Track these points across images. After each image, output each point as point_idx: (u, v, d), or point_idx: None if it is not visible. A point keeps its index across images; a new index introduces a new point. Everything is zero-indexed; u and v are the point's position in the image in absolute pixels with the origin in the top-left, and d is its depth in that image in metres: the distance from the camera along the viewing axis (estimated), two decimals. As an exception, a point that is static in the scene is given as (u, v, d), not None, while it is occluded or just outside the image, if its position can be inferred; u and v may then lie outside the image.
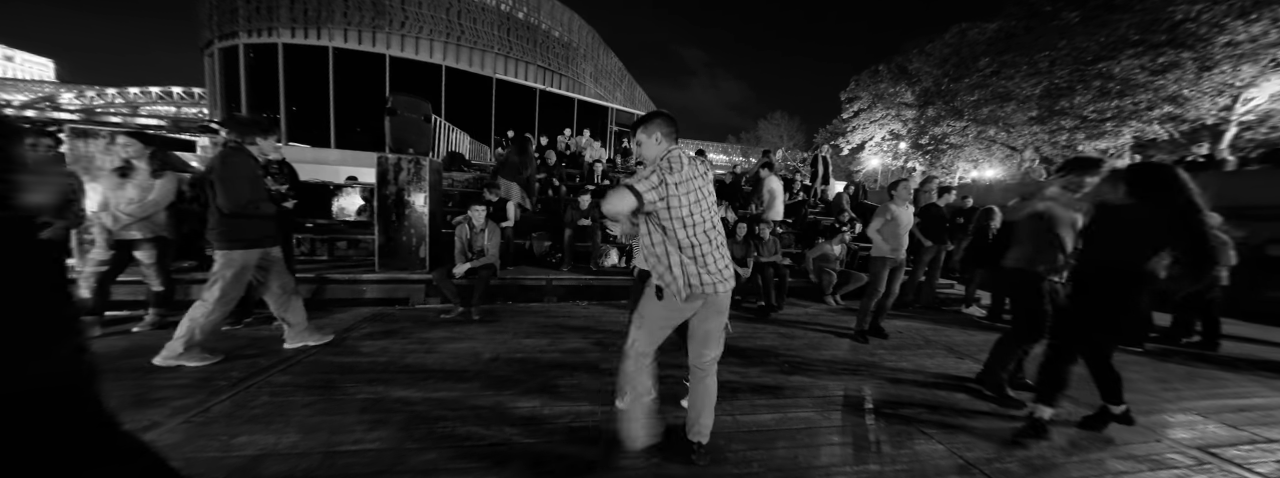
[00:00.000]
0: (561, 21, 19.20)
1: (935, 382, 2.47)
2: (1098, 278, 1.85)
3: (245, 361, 2.31)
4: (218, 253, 2.22)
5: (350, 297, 3.64)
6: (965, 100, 16.82)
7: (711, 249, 1.44)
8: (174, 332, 2.21)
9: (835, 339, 3.23)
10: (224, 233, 2.20)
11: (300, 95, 15.09)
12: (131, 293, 3.01)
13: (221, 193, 2.13)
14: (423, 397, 1.98)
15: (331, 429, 1.68)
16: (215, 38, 16.21)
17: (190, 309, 2.21)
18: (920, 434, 1.87)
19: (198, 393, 1.93)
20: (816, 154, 8.43)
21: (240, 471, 1.42)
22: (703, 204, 1.44)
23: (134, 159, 2.59)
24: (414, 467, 1.48)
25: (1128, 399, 2.26)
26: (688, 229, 1.40)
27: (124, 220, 2.56)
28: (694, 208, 1.41)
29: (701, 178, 1.46)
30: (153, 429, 1.63)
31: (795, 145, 35.38)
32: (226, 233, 2.20)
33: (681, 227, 1.39)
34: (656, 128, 1.47)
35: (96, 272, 2.55)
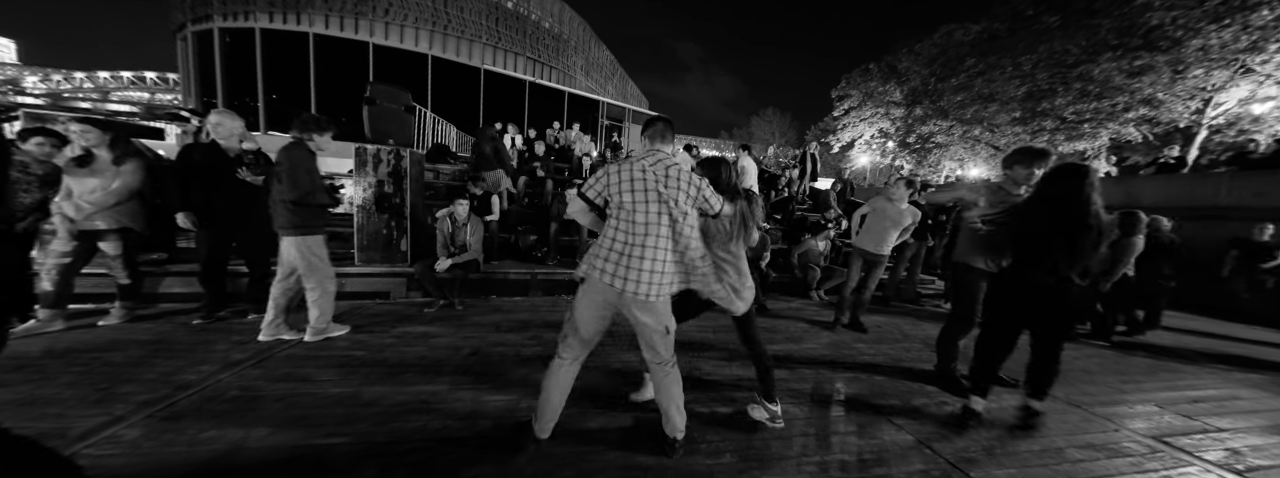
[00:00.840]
0: (552, 12, 18.83)
1: (909, 374, 2.54)
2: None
3: (217, 354, 2.25)
4: (294, 241, 2.39)
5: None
6: (951, 100, 17.14)
7: (642, 251, 1.43)
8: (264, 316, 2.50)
9: (816, 333, 3.29)
10: (295, 221, 2.38)
11: (280, 83, 14.57)
12: (96, 285, 2.90)
13: (287, 183, 2.32)
14: (399, 391, 1.96)
15: (304, 424, 1.65)
16: (188, 21, 15.49)
17: (307, 297, 2.49)
18: (890, 424, 1.93)
19: (163, 388, 1.87)
20: (805, 151, 8.51)
21: (206, 466, 1.40)
22: (644, 205, 1.44)
23: (93, 147, 2.47)
24: (387, 462, 1.46)
25: (1090, 391, 2.35)
26: (621, 223, 1.46)
27: (87, 210, 2.45)
28: (634, 206, 1.44)
29: (653, 179, 1.44)
30: (114, 424, 1.59)
31: (787, 142, 35.61)
32: (298, 221, 2.38)
33: (616, 220, 1.48)
34: (647, 133, 1.57)
35: (58, 264, 2.44)
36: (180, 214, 2.56)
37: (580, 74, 20.52)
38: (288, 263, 2.45)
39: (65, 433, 1.52)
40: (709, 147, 34.02)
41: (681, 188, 1.46)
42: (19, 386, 1.83)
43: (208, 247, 2.68)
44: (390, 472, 1.41)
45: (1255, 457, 1.83)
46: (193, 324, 2.67)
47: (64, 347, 2.25)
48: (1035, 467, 1.67)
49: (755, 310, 1.84)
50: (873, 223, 3.39)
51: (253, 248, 2.84)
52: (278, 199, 2.35)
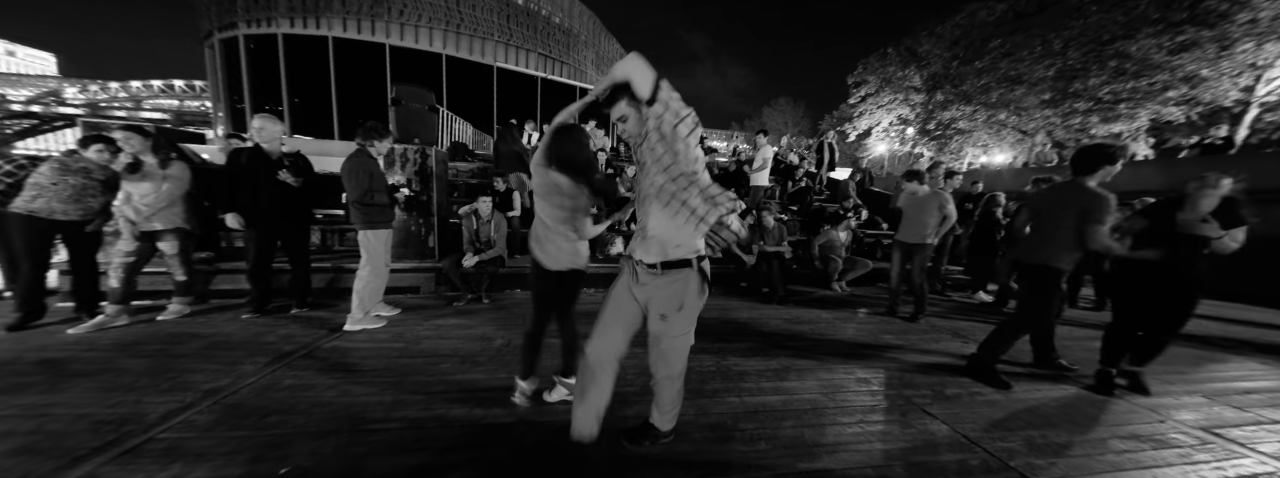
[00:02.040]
0: (562, 7, 18.76)
1: (940, 365, 2.51)
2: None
3: (269, 346, 2.38)
4: (360, 235, 2.67)
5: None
6: (975, 84, 16.44)
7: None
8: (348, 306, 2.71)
9: (840, 325, 3.27)
10: (361, 218, 2.65)
11: (302, 87, 14.99)
12: (153, 283, 3.10)
13: (348, 186, 2.61)
14: (438, 381, 2.05)
15: (355, 411, 1.75)
16: (214, 29, 16.04)
17: (354, 285, 2.68)
18: (924, 414, 1.92)
19: (224, 377, 2.00)
20: (822, 140, 8.33)
21: (275, 445, 1.50)
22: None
23: (139, 154, 2.62)
24: (435, 446, 1.54)
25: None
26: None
27: (145, 212, 2.61)
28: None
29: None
30: (185, 410, 1.71)
31: (801, 132, 34.85)
32: (364, 218, 2.65)
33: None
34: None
35: (123, 262, 2.62)
36: (229, 215, 2.70)
37: (591, 68, 20.46)
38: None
39: (143, 418, 1.65)
40: (719, 138, 33.55)
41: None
42: (99, 375, 1.99)
43: (254, 245, 2.82)
44: (443, 455, 1.49)
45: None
46: (242, 318, 2.82)
47: (131, 339, 2.42)
48: (1078, 458, 1.65)
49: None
50: (906, 211, 3.43)
51: (294, 246, 2.97)
52: (347, 200, 2.65)
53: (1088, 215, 2.04)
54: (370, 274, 2.71)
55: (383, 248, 2.74)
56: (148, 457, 1.43)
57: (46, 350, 2.24)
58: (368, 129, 2.67)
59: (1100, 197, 2.04)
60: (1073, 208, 2.09)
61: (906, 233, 3.44)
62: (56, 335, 2.44)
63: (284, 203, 2.79)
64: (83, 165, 2.58)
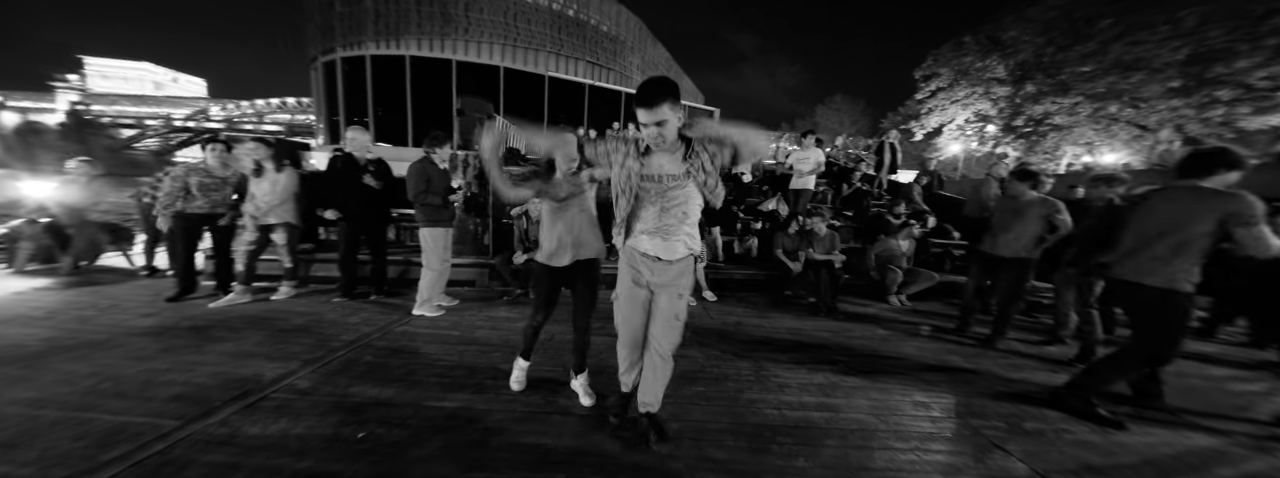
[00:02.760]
0: (610, 15, 19.35)
1: (1018, 395, 2.22)
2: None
3: (353, 326, 2.75)
4: (422, 232, 3.01)
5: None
6: (1076, 73, 14.21)
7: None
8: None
9: (897, 342, 3.02)
10: (423, 217, 2.99)
11: (384, 100, 16.99)
12: (267, 269, 3.70)
13: (408, 187, 2.96)
14: (490, 366, 2.22)
15: (419, 387, 1.97)
16: (318, 54, 18.75)
17: (420, 278, 3.06)
18: (996, 448, 1.72)
19: (319, 350, 2.35)
20: (884, 140, 7.70)
21: (356, 411, 1.74)
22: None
23: (262, 160, 3.15)
24: (486, 426, 1.68)
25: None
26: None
27: (263, 208, 3.15)
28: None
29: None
30: (290, 376, 2.03)
31: (858, 131, 32.47)
32: (424, 217, 2.99)
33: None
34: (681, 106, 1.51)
35: (247, 250, 3.18)
36: (328, 210, 3.18)
37: (637, 73, 20.83)
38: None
39: (260, 379, 1.99)
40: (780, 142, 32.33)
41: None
42: (230, 341, 2.43)
43: (344, 238, 3.27)
44: (492, 436, 1.63)
45: None
46: (334, 302, 3.27)
47: (253, 314, 2.92)
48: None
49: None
50: (999, 217, 3.03)
51: (375, 239, 3.40)
52: (409, 198, 2.96)
53: (1237, 219, 1.67)
54: (430, 268, 3.03)
55: (435, 245, 3.01)
56: (263, 411, 1.72)
57: (195, 320, 2.78)
58: (431, 138, 3.04)
59: (1242, 197, 1.69)
60: (1206, 215, 1.74)
61: (994, 243, 2.98)
62: (201, 308, 3.01)
63: (367, 202, 3.20)
64: (212, 175, 3.16)
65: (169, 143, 36.86)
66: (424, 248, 3.03)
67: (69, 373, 1.97)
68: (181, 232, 3.13)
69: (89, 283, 3.64)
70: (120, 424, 1.59)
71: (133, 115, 41.72)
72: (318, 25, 19.02)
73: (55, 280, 3.69)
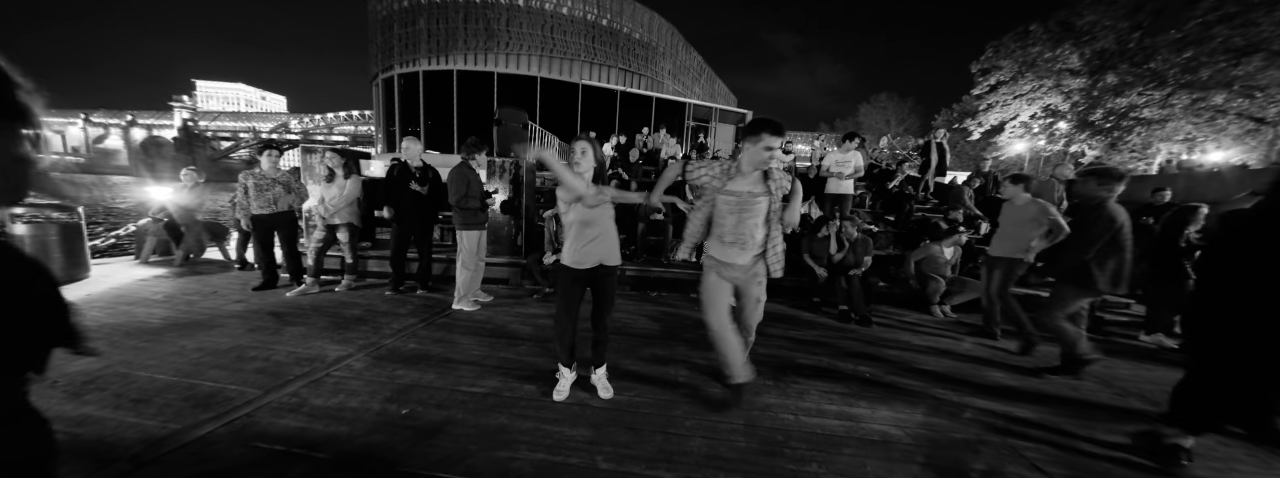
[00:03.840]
0: (642, 23, 19.72)
1: (1079, 416, 2.03)
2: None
3: (401, 317, 3.04)
4: (459, 234, 3.23)
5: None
6: (1171, 59, 12.47)
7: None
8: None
9: (933, 354, 2.84)
10: (461, 220, 3.19)
11: (434, 112, 18.40)
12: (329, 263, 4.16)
13: (448, 191, 3.19)
14: (517, 358, 2.38)
15: (455, 374, 2.15)
16: (378, 71, 20.73)
17: (457, 275, 3.28)
18: (1037, 470, 1.59)
19: (372, 336, 2.63)
20: (930, 139, 7.21)
21: (401, 391, 1.95)
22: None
23: (335, 167, 3.58)
24: (510, 410, 1.82)
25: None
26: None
27: (333, 210, 3.57)
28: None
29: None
30: (348, 358, 2.30)
31: (907, 129, 30.40)
32: (462, 220, 3.19)
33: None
34: (756, 135, 1.78)
35: (317, 247, 3.62)
36: (385, 208, 3.58)
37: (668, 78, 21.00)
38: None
39: (324, 359, 2.27)
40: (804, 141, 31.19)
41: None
42: (301, 325, 2.78)
43: (395, 237, 3.62)
44: (516, 420, 1.76)
45: None
46: (386, 295, 3.63)
47: (320, 303, 3.32)
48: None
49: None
50: (1001, 220, 3.17)
51: (422, 239, 3.73)
52: (452, 204, 3.21)
53: None
54: (465, 267, 3.26)
55: (471, 245, 3.23)
56: (325, 386, 1.98)
57: (274, 306, 3.20)
58: (469, 145, 3.28)
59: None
60: None
61: (993, 244, 3.20)
62: (279, 296, 3.46)
63: (416, 205, 3.53)
64: (264, 176, 3.56)
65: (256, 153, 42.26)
66: (460, 248, 3.28)
67: (181, 347, 2.37)
68: (257, 230, 3.61)
69: (195, 273, 4.29)
70: (217, 390, 1.90)
71: (229, 129, 48.28)
72: (379, 46, 21.05)
73: (170, 270, 4.38)
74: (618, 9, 20.47)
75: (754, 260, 1.84)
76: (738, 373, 1.91)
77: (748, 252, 1.81)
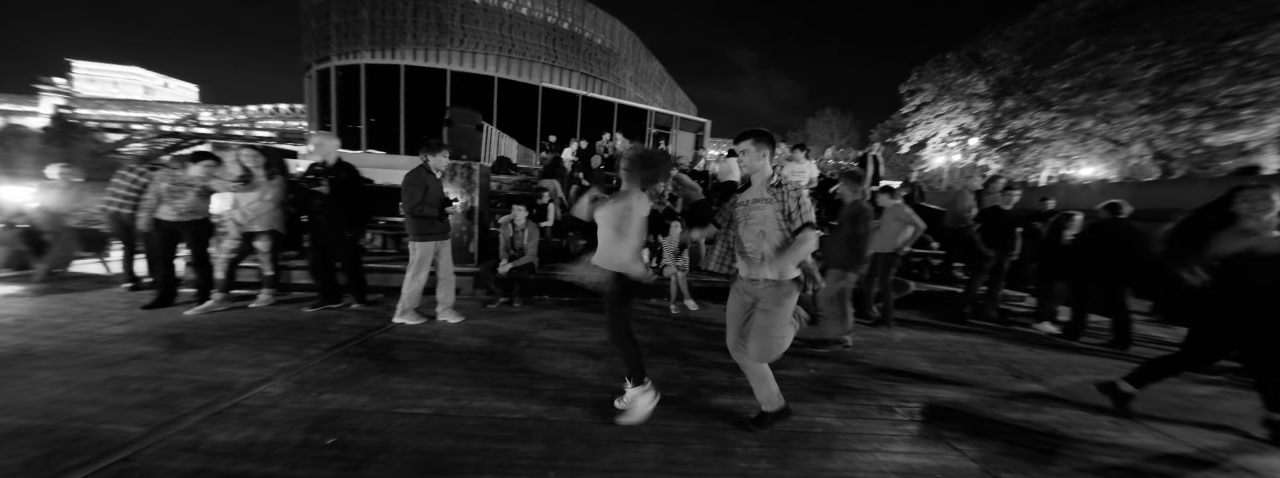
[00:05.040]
0: (603, 28, 19.84)
1: (994, 399, 2.29)
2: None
3: (331, 335, 2.75)
4: (411, 244, 2.95)
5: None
6: (1053, 89, 14.82)
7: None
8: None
9: (870, 348, 3.09)
10: (415, 229, 2.92)
11: (378, 109, 17.08)
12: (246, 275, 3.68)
13: (403, 198, 2.88)
14: (467, 374, 2.24)
15: (393, 395, 1.98)
16: (313, 62, 18.89)
17: (402, 287, 2.99)
18: (952, 450, 1.78)
19: (294, 358, 2.35)
20: (868, 153, 7.93)
21: (327, 418, 1.75)
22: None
23: (253, 167, 3.18)
24: (456, 432, 1.70)
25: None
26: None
27: (250, 216, 3.16)
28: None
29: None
30: (264, 383, 2.03)
31: (849, 143, 33.20)
32: (417, 229, 2.92)
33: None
34: (767, 146, 1.74)
35: (228, 258, 3.17)
36: (304, 215, 3.25)
37: (630, 85, 21.25)
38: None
39: (233, 386, 1.99)
40: (760, 151, 32.76)
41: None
42: (203, 349, 2.42)
43: (314, 246, 3.28)
44: (461, 441, 1.65)
45: None
46: (305, 311, 3.21)
47: (230, 322, 2.91)
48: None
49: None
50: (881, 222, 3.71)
51: (336, 248, 3.24)
52: (402, 211, 2.92)
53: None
54: (412, 279, 3.00)
55: (425, 258, 2.96)
56: (232, 418, 1.73)
57: (170, 327, 2.76)
58: (428, 145, 2.99)
59: None
60: None
61: (876, 243, 3.62)
62: (177, 315, 2.99)
63: (327, 209, 3.09)
64: (188, 179, 3.14)
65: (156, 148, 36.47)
66: (412, 259, 3.01)
67: (36, 381, 1.95)
68: (155, 237, 3.12)
69: (62, 291, 3.59)
70: (84, 431, 1.59)
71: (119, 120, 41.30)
72: (313, 33, 19.19)
73: (27, 287, 3.63)
74: (579, 13, 20.42)
75: (760, 278, 1.69)
76: (763, 401, 1.81)
77: (751, 265, 1.71)
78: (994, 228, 4.09)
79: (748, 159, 1.73)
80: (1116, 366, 2.93)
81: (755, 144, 1.71)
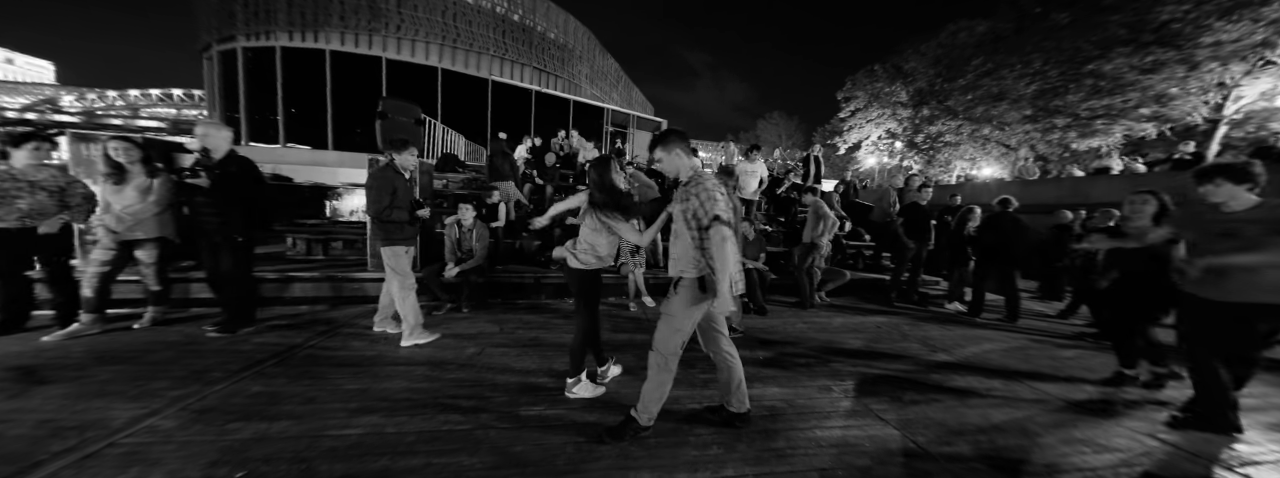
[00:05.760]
0: (557, 23, 19.32)
1: (914, 371, 2.58)
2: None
3: (243, 354, 2.41)
4: (382, 251, 2.66)
5: (351, 294, 3.77)
6: (959, 100, 17.00)
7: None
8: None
9: (812, 334, 3.34)
10: (380, 234, 2.64)
11: (299, 98, 15.19)
12: (130, 291, 3.11)
13: (367, 200, 2.60)
14: (406, 387, 2.09)
15: (319, 417, 1.79)
16: (213, 41, 16.33)
17: (397, 306, 2.69)
18: (878, 421, 1.98)
19: (192, 384, 2.03)
20: (810, 153, 8.54)
21: (235, 450, 1.53)
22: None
23: (126, 162, 2.65)
24: (394, 450, 1.58)
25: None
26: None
27: (128, 221, 2.66)
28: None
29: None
30: (151, 416, 1.74)
31: (794, 144, 35.50)
32: (382, 234, 2.64)
33: (697, 233, 1.63)
34: (677, 144, 1.70)
35: (99, 272, 2.64)
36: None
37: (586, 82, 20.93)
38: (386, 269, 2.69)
39: (107, 424, 1.68)
40: (715, 151, 34.12)
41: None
42: (66, 383, 2.01)
43: (205, 254, 2.78)
44: (400, 459, 1.53)
45: None
46: (209, 331, 2.75)
47: (104, 348, 2.44)
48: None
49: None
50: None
51: (217, 254, 2.75)
52: (367, 214, 2.64)
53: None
54: (400, 288, 2.67)
55: (403, 266, 2.67)
56: (108, 460, 1.46)
57: (21, 357, 2.26)
58: (394, 142, 2.67)
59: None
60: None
61: (804, 235, 4.30)
62: (31, 343, 2.45)
63: (212, 207, 2.60)
64: (14, 178, 2.49)
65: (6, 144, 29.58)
66: (387, 267, 2.66)
67: None
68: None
69: None
70: (-117, 498, 1.25)
71: (-61, 103, 32.76)
72: (213, 8, 16.56)
73: None
74: (530, 5, 19.63)
75: (675, 274, 1.72)
76: (640, 400, 1.74)
77: (674, 262, 1.74)
78: (913, 221, 4.61)
79: (665, 165, 1.71)
80: (1009, 337, 3.46)
81: (665, 149, 1.69)
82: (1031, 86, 14.46)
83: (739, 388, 1.81)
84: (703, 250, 1.60)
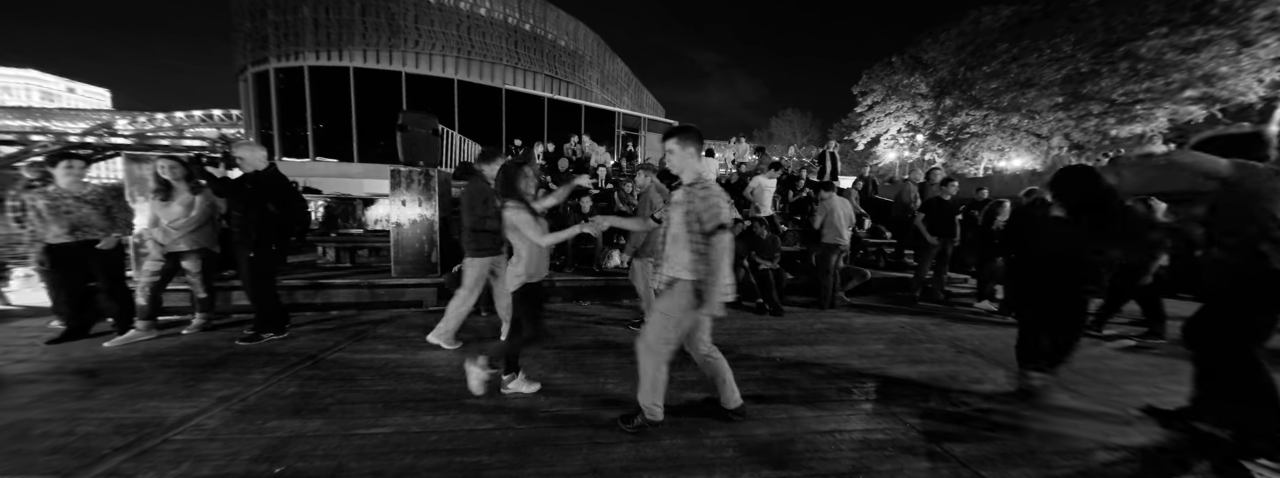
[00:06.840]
0: (567, 30, 19.66)
1: (940, 374, 2.49)
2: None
3: (279, 357, 2.55)
4: (466, 261, 2.75)
5: (371, 300, 3.92)
6: (984, 88, 16.31)
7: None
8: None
9: (831, 334, 3.27)
10: (474, 245, 2.72)
11: (326, 113, 16.00)
12: (179, 299, 3.35)
13: (463, 212, 2.72)
14: (433, 388, 2.16)
15: (350, 417, 1.88)
16: (248, 64, 17.40)
17: (449, 305, 2.77)
18: (901, 424, 1.92)
19: (236, 385, 2.17)
20: (825, 150, 8.36)
21: (274, 447, 1.63)
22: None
23: (173, 179, 2.87)
24: (417, 449, 1.65)
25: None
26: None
27: (174, 235, 2.87)
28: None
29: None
30: (199, 415, 1.87)
31: (810, 141, 34.80)
32: (474, 245, 2.71)
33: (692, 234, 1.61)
34: (692, 142, 1.65)
35: (150, 281, 2.86)
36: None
37: (596, 87, 21.19)
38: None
39: (162, 422, 1.81)
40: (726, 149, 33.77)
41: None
42: (124, 384, 2.18)
43: (237, 265, 2.98)
44: (424, 457, 1.59)
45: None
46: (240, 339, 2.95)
47: (157, 351, 2.63)
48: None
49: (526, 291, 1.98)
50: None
51: (242, 263, 2.89)
52: (463, 227, 2.73)
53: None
54: (465, 298, 2.76)
55: (480, 277, 2.76)
56: (162, 456, 1.57)
57: (84, 362, 2.46)
58: (482, 155, 2.79)
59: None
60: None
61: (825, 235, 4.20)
62: (94, 348, 2.67)
63: (239, 223, 2.75)
64: (61, 196, 2.71)
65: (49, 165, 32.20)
66: (466, 279, 2.77)
67: (-91, 435, 1.69)
68: (56, 267, 2.75)
69: (-56, 328, 3.11)
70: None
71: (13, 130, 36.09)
72: (248, 34, 17.68)
73: (-104, 327, 3.12)
74: (541, 14, 20.10)
75: (665, 276, 1.71)
76: (640, 395, 1.76)
77: (666, 263, 1.72)
78: (937, 217, 4.44)
79: (675, 159, 1.65)
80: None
81: (680, 143, 1.63)
82: (1061, 72, 13.75)
83: (726, 385, 1.83)
84: (701, 255, 1.57)
